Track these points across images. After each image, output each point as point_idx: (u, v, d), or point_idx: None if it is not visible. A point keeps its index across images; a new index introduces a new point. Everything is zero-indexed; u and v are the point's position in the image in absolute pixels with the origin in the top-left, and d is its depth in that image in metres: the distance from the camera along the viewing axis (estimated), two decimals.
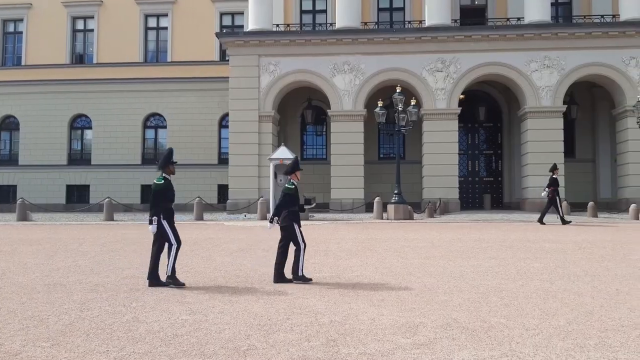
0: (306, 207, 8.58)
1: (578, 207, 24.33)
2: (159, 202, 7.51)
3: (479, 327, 5.24)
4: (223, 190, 28.87)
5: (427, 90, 25.20)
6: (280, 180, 21.31)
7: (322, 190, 26.91)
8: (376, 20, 28.54)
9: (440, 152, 24.81)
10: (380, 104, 22.25)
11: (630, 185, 24.29)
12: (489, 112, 29.02)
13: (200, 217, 21.40)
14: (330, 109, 25.78)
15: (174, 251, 7.44)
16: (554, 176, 18.67)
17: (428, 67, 25.24)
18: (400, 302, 6.39)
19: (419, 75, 25.27)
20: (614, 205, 25.65)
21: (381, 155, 29.26)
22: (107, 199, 22.29)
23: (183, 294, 6.88)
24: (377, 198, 21.58)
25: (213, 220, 21.32)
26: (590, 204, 22.18)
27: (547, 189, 18.66)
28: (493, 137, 29.54)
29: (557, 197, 18.45)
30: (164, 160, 7.72)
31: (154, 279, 7.45)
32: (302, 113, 29.29)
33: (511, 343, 4.73)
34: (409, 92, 24.48)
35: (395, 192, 21.22)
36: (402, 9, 29.06)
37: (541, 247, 11.89)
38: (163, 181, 7.58)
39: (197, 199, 22.44)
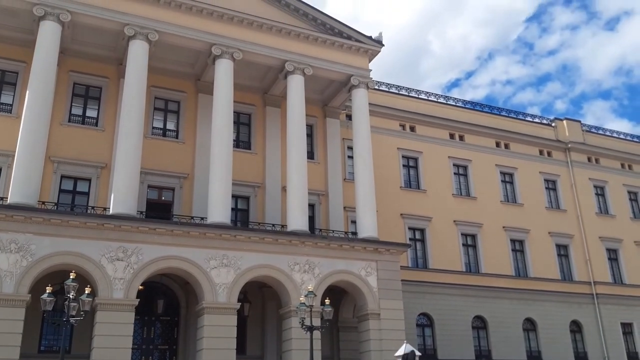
0: None
1: None
2: None
3: None
4: None
5: (105, 279, 23.85)
6: None
7: None
8: (56, 201, 26.97)
9: (113, 346, 22.89)
10: (49, 289, 19.91)
11: None
12: (167, 306, 28.69)
13: None
14: None
15: None
16: None
17: (108, 255, 24.21)
18: None
19: (98, 262, 23.96)
20: None
21: (42, 348, 25.53)
22: None
23: None
24: None
25: None
26: None
27: None
28: (169, 332, 28.88)
29: None
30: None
31: None
32: None
33: None
34: (85, 279, 22.79)
35: None
36: (87, 193, 28.28)
37: None
38: None
39: None
